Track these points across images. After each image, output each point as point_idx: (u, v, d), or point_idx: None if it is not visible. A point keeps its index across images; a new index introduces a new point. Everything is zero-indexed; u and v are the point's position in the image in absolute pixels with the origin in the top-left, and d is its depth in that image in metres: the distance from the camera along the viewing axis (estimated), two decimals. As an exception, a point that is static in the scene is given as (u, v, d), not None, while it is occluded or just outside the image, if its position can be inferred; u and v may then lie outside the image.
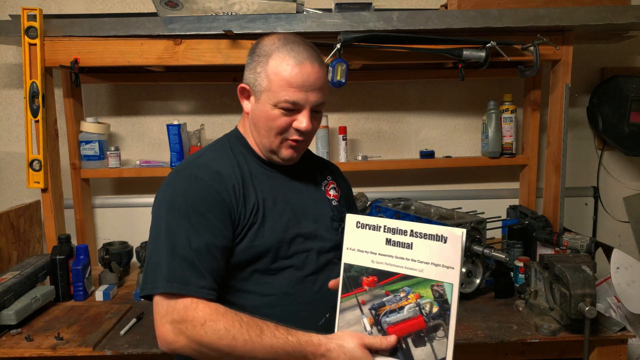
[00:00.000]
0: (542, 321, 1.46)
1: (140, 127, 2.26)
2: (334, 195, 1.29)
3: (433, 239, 0.92)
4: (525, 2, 1.80)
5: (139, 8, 2.19)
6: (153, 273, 1.00)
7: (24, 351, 1.39)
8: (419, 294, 0.93)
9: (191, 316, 0.95)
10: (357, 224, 1.00)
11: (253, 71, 1.11)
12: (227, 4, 1.73)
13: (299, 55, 1.08)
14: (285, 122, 1.10)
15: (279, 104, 1.08)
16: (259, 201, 1.10)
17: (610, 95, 2.20)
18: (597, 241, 1.94)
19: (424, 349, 0.92)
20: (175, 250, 1.00)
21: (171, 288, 0.97)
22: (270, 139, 1.12)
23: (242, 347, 0.94)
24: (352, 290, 0.99)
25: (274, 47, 1.09)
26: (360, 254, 0.99)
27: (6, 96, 2.23)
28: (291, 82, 1.07)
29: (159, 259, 1.00)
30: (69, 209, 2.06)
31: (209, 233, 1.02)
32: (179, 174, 1.09)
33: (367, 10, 1.80)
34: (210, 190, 1.05)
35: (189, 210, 1.03)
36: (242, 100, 1.16)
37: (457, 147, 2.33)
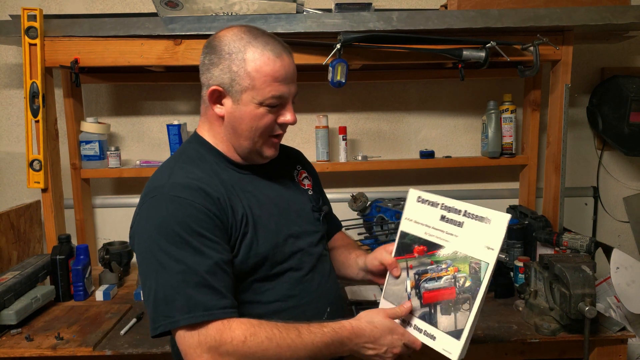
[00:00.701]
0: (542, 321, 1.46)
1: (140, 127, 2.26)
2: (308, 184, 1.28)
3: (482, 221, 0.99)
4: (525, 2, 1.80)
5: (139, 8, 2.19)
6: (167, 307, 0.93)
7: (24, 351, 1.39)
8: (457, 268, 1.01)
9: (229, 337, 0.92)
10: (418, 198, 1.12)
11: (227, 70, 1.04)
12: (227, 4, 1.73)
13: (275, 48, 1.05)
14: (271, 119, 1.06)
15: (265, 101, 1.03)
16: (246, 210, 1.05)
17: (610, 95, 2.20)
18: (597, 241, 1.94)
19: (448, 317, 1.00)
20: (186, 278, 0.93)
21: (195, 318, 0.92)
22: (255, 139, 1.07)
23: (288, 351, 0.93)
24: (403, 255, 1.11)
25: (243, 42, 1.04)
26: (416, 225, 1.10)
27: (6, 96, 2.23)
28: (276, 76, 1.03)
29: (169, 292, 0.94)
30: (69, 209, 2.06)
31: (213, 251, 0.97)
32: (156, 200, 1.00)
33: (367, 10, 1.80)
34: (199, 208, 0.98)
35: (184, 233, 0.96)
36: (214, 105, 1.08)
37: (457, 147, 2.33)
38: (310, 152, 2.26)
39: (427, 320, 1.04)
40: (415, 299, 1.07)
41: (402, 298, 1.09)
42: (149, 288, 0.96)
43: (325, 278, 1.16)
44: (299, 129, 2.28)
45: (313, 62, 1.78)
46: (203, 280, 0.94)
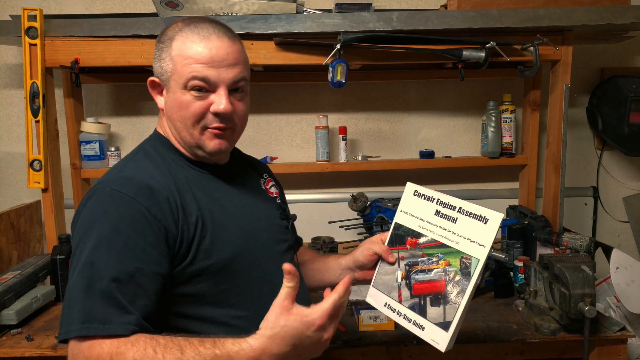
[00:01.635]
0: (541, 321, 1.46)
1: (141, 127, 2.26)
2: (276, 192, 1.23)
3: (476, 218, 1.01)
4: (525, 2, 1.81)
5: (139, 8, 2.19)
6: (67, 313, 0.84)
7: (25, 351, 1.39)
8: (448, 262, 1.04)
9: (96, 354, 0.80)
10: (414, 192, 1.15)
11: (158, 59, 1.01)
12: (227, 4, 1.73)
13: (203, 30, 0.98)
14: (200, 106, 0.98)
15: (187, 83, 0.96)
16: (203, 213, 0.97)
17: (610, 95, 2.20)
18: (596, 241, 1.94)
19: (437, 309, 1.03)
20: (92, 283, 0.83)
21: (88, 330, 0.81)
22: (189, 130, 0.99)
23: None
24: (396, 246, 1.14)
25: (176, 29, 1.00)
26: (410, 218, 1.14)
27: (6, 96, 2.23)
28: (197, 57, 0.96)
29: (73, 296, 0.84)
30: (70, 209, 2.06)
31: (135, 259, 0.86)
32: (97, 193, 0.92)
33: (367, 10, 1.80)
34: (138, 207, 0.89)
35: (110, 233, 0.86)
36: (155, 97, 1.05)
37: (457, 147, 2.33)
38: (310, 152, 2.27)
39: (417, 310, 1.06)
40: (405, 290, 1.10)
41: (392, 288, 1.12)
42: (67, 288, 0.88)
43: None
44: (298, 129, 2.28)
45: (313, 62, 1.79)
46: (108, 290, 0.83)
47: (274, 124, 2.27)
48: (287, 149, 2.28)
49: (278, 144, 2.28)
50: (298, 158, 2.29)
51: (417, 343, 1.41)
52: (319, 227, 2.12)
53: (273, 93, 2.23)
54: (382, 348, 1.42)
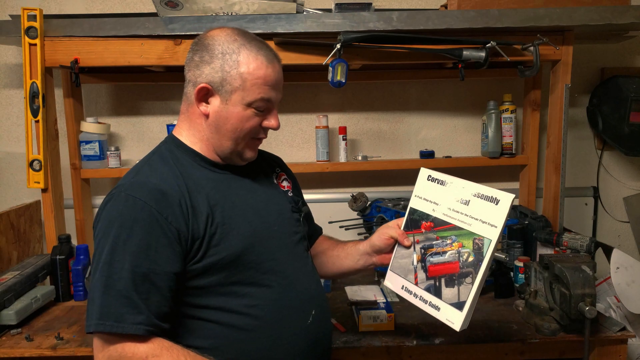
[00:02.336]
0: (542, 321, 1.46)
1: (141, 127, 2.26)
2: (288, 186, 1.27)
3: (487, 200, 1.04)
4: (525, 2, 1.80)
5: (139, 8, 2.19)
6: (90, 309, 0.93)
7: (24, 351, 1.39)
8: (461, 244, 1.06)
9: (131, 352, 0.90)
10: (428, 177, 1.18)
11: (219, 70, 1.04)
12: (227, 4, 1.73)
13: (268, 54, 1.07)
14: (257, 122, 1.08)
15: (254, 103, 1.05)
16: (212, 210, 1.03)
17: (610, 95, 2.20)
18: (597, 241, 1.94)
19: (452, 289, 1.06)
20: (109, 283, 0.92)
21: (104, 327, 0.90)
22: (237, 141, 1.08)
23: None
24: (411, 230, 1.18)
25: (237, 44, 1.05)
26: (425, 202, 1.16)
27: (6, 96, 2.23)
28: (267, 80, 1.05)
29: (93, 294, 0.94)
30: (69, 209, 2.06)
31: (148, 261, 0.94)
32: (114, 197, 1.00)
33: (367, 10, 1.80)
34: (150, 211, 0.96)
35: (125, 236, 0.94)
36: (199, 103, 1.07)
37: (457, 147, 2.33)
38: (310, 152, 2.26)
39: (432, 292, 1.09)
40: (421, 272, 1.13)
41: (408, 271, 1.16)
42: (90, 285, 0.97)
43: (308, 280, 1.15)
44: (298, 129, 2.28)
45: (313, 62, 1.78)
46: (124, 290, 0.92)
47: (274, 124, 2.27)
48: (287, 149, 2.28)
49: (278, 144, 2.27)
50: (298, 158, 2.29)
51: (417, 343, 1.41)
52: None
53: (273, 93, 2.23)
54: (382, 348, 1.42)
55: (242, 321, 1.03)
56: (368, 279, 1.91)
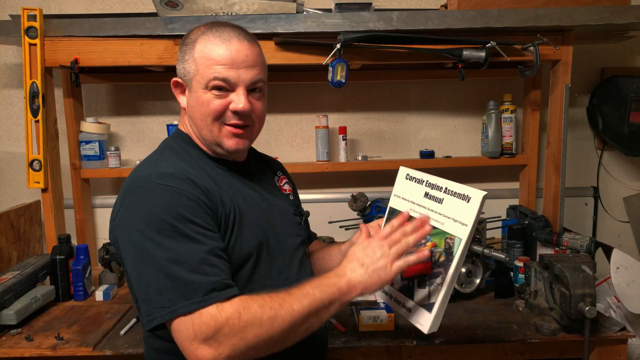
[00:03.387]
0: (542, 321, 1.46)
1: (140, 127, 2.26)
2: (289, 189, 1.28)
3: (459, 198, 1.01)
4: (525, 2, 1.80)
5: (139, 8, 2.19)
6: (162, 297, 0.89)
7: (24, 351, 1.39)
8: (434, 243, 1.03)
9: (224, 318, 0.87)
10: (406, 175, 1.17)
11: (182, 61, 1.07)
12: (227, 4, 1.73)
13: (224, 33, 1.04)
14: (219, 104, 1.03)
15: (209, 83, 1.02)
16: (233, 203, 1.03)
17: (610, 95, 2.20)
18: (597, 241, 1.94)
19: (423, 290, 1.03)
20: (180, 266, 0.90)
21: (196, 304, 0.87)
22: (209, 127, 1.05)
23: (281, 310, 0.89)
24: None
25: (199, 32, 1.06)
26: (403, 202, 1.15)
27: (6, 96, 2.23)
28: (217, 59, 1.02)
29: (163, 282, 0.90)
30: (69, 209, 2.06)
31: (206, 238, 0.94)
32: (143, 190, 0.97)
33: (367, 10, 1.80)
34: (188, 196, 0.96)
35: (175, 221, 0.92)
36: (178, 96, 1.10)
37: (457, 147, 2.33)
38: (310, 152, 2.26)
39: (406, 293, 1.07)
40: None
41: None
42: (140, 281, 0.92)
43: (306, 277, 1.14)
44: (298, 129, 2.28)
45: (313, 62, 1.78)
46: (197, 268, 0.90)
47: (274, 124, 2.27)
48: (287, 149, 2.28)
49: (278, 144, 2.27)
50: (298, 158, 2.29)
51: (417, 343, 1.41)
52: (319, 227, 2.11)
53: (273, 93, 2.23)
54: (382, 348, 1.42)
55: None
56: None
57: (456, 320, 1.54)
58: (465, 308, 1.63)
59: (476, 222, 0.98)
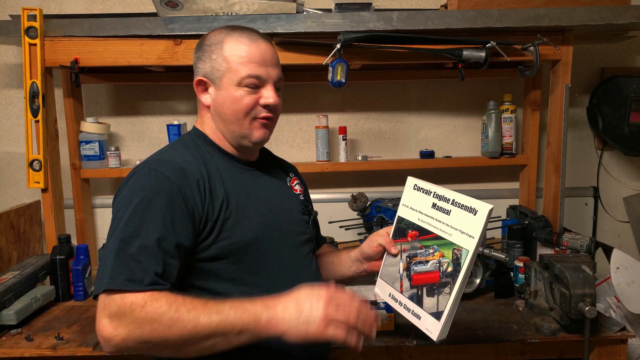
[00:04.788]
0: (542, 321, 1.46)
1: (140, 127, 2.26)
2: (300, 190, 1.32)
3: (466, 210, 1.04)
4: (525, 2, 1.80)
5: (139, 8, 2.19)
6: (101, 272, 0.94)
7: (24, 351, 1.39)
8: (442, 254, 1.07)
9: (129, 302, 0.89)
10: (414, 186, 1.20)
11: (208, 60, 1.11)
12: (227, 4, 1.73)
13: (251, 35, 1.12)
14: (252, 99, 1.10)
15: (242, 81, 1.08)
16: (228, 196, 1.07)
17: (610, 95, 2.20)
18: (597, 241, 1.94)
19: (431, 299, 1.06)
20: (123, 247, 0.94)
21: (114, 284, 0.91)
22: (240, 122, 1.11)
23: (186, 317, 0.88)
24: (399, 238, 1.19)
25: (222, 34, 1.12)
26: (411, 211, 1.18)
27: (6, 96, 2.23)
28: (250, 58, 1.09)
29: (105, 258, 0.96)
30: (69, 209, 2.06)
31: (164, 229, 0.97)
32: (138, 172, 1.05)
33: (367, 10, 1.80)
34: (170, 184, 1.01)
35: (144, 205, 0.98)
36: (201, 95, 1.15)
37: (457, 147, 2.33)
38: (310, 152, 2.26)
39: (415, 300, 1.10)
40: (406, 281, 1.14)
41: (395, 279, 1.17)
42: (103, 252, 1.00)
43: (310, 278, 1.18)
44: (298, 129, 2.28)
45: (313, 62, 1.79)
46: (136, 254, 0.94)
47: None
48: (287, 149, 2.28)
49: (278, 144, 2.27)
50: (298, 158, 2.28)
51: (417, 343, 1.41)
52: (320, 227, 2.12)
53: (273, 93, 2.23)
54: (382, 348, 1.42)
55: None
56: (368, 279, 1.90)
57: (456, 320, 1.52)
58: (465, 308, 1.63)
59: (483, 235, 1.01)
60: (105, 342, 0.90)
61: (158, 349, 0.92)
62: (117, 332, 0.88)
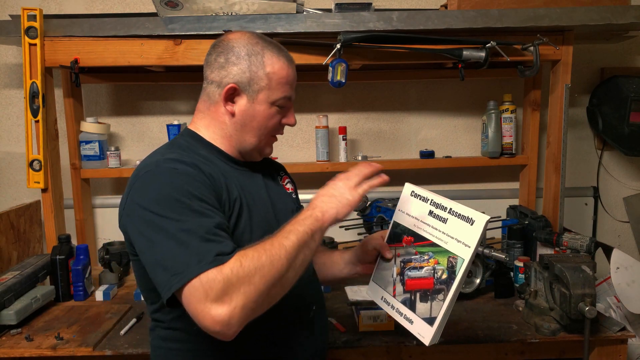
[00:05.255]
0: (542, 321, 1.46)
1: (140, 127, 2.26)
2: (291, 188, 1.33)
3: (463, 219, 1.05)
4: (525, 2, 1.80)
5: (139, 8, 2.19)
6: (176, 264, 0.90)
7: (24, 351, 1.39)
8: (437, 260, 1.08)
9: (228, 271, 0.88)
10: (411, 192, 1.21)
11: (246, 71, 1.09)
12: (227, 4, 1.73)
13: (287, 55, 1.14)
14: (278, 119, 1.14)
15: (277, 101, 1.11)
16: (241, 195, 1.08)
17: (610, 95, 2.20)
18: (597, 241, 1.94)
19: (425, 304, 1.07)
20: (191, 235, 0.92)
21: (206, 265, 0.88)
22: (261, 137, 1.14)
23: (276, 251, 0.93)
24: (394, 243, 1.20)
25: (259, 46, 1.11)
26: (407, 217, 1.19)
27: (6, 96, 2.23)
28: (289, 80, 1.12)
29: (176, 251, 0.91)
30: (69, 209, 2.06)
31: (213, 213, 0.97)
32: (151, 174, 1.01)
33: (367, 10, 1.80)
34: (195, 176, 1.00)
35: (184, 198, 0.96)
36: (225, 103, 1.11)
37: (457, 147, 2.33)
38: (310, 152, 2.26)
39: (408, 305, 1.11)
40: (399, 285, 1.15)
41: (388, 282, 1.18)
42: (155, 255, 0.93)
43: (309, 276, 1.20)
44: (298, 129, 2.28)
45: (313, 62, 1.78)
46: (207, 237, 0.92)
47: (274, 124, 2.27)
48: (287, 149, 2.28)
49: (278, 144, 2.22)
50: (298, 158, 2.28)
51: (417, 343, 1.41)
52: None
53: (273, 93, 2.23)
54: (382, 348, 1.42)
55: None
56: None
57: (456, 320, 1.53)
58: (465, 308, 1.63)
59: (479, 244, 1.02)
60: (225, 325, 0.86)
61: (274, 293, 0.93)
62: (233, 305, 0.86)
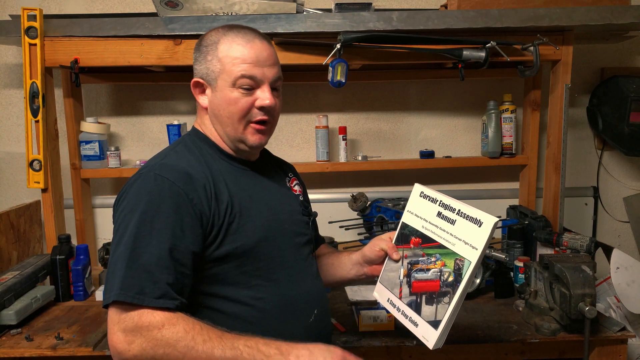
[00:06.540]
0: (542, 321, 1.46)
1: (140, 127, 2.26)
2: (299, 190, 1.31)
3: (472, 221, 1.02)
4: (525, 2, 1.80)
5: (139, 8, 2.19)
6: (110, 282, 0.94)
7: (24, 351, 1.39)
8: (444, 263, 1.06)
9: (147, 321, 0.90)
10: (420, 193, 1.19)
11: (203, 61, 1.10)
12: (227, 4, 1.73)
13: (247, 34, 1.09)
14: (247, 102, 1.08)
15: (236, 81, 1.06)
16: (232, 199, 1.06)
17: (610, 95, 2.20)
18: (597, 241, 1.94)
19: (430, 307, 1.06)
20: (134, 257, 0.94)
21: (125, 297, 0.91)
22: (235, 125, 1.09)
23: (201, 348, 0.90)
24: (401, 244, 1.18)
25: (219, 34, 1.10)
26: (415, 218, 1.17)
27: (6, 96, 2.23)
28: (244, 58, 1.07)
29: (115, 267, 0.94)
30: (69, 209, 2.06)
31: (173, 238, 0.96)
32: (142, 177, 1.02)
33: (367, 10, 1.80)
34: (177, 191, 0.99)
35: (152, 212, 0.97)
36: (198, 96, 1.13)
37: (457, 147, 2.33)
38: (310, 152, 2.26)
39: (413, 308, 1.10)
40: (405, 287, 1.13)
41: (394, 284, 1.16)
42: (110, 262, 0.98)
43: (312, 280, 1.18)
44: (298, 129, 2.28)
45: (313, 62, 1.79)
46: (147, 265, 0.93)
47: (274, 124, 2.27)
48: (287, 149, 2.28)
49: (278, 144, 2.27)
50: (298, 158, 2.28)
51: (417, 343, 1.41)
52: (319, 227, 2.12)
53: (273, 93, 2.23)
54: (382, 348, 1.42)
55: (247, 313, 1.05)
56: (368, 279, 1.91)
57: (456, 320, 1.52)
58: (465, 308, 1.63)
59: (486, 247, 1.00)
60: (117, 354, 0.91)
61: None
62: (130, 348, 0.90)
